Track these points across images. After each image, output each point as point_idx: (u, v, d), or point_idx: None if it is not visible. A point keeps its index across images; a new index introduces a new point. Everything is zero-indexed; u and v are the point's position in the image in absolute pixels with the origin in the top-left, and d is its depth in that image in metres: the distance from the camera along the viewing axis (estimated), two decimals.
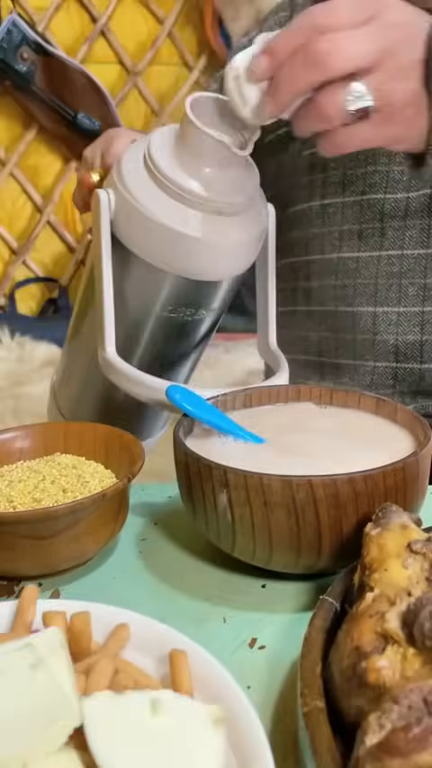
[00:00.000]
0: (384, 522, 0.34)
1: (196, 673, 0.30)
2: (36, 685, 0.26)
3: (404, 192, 0.66)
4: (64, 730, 0.24)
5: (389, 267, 0.67)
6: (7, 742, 0.24)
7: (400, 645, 0.26)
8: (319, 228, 0.72)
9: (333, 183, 0.70)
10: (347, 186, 0.69)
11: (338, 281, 0.71)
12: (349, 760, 0.24)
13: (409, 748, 0.22)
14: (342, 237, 0.70)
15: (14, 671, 0.27)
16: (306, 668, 0.30)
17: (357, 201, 0.68)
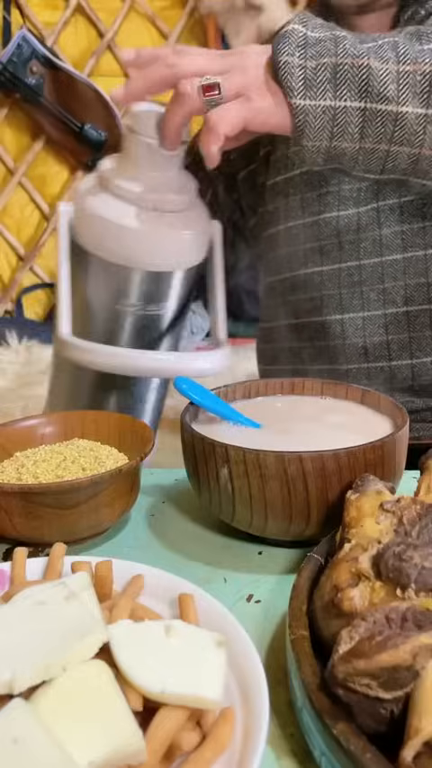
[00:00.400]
0: (362, 489, 0.40)
1: (201, 610, 0.36)
2: (70, 612, 0.32)
3: (354, 207, 0.72)
4: (94, 644, 0.30)
5: (349, 278, 0.73)
6: (50, 652, 0.29)
7: (370, 580, 0.32)
8: (287, 249, 0.79)
9: (293, 207, 0.76)
10: (305, 208, 0.75)
11: (307, 295, 0.77)
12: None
13: (372, 652, 0.28)
14: (306, 255, 0.76)
15: (52, 601, 0.33)
16: (294, 607, 0.36)
17: (315, 221, 0.74)
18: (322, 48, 0.51)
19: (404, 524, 0.35)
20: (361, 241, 0.72)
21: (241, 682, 0.32)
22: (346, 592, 0.32)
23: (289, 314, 0.82)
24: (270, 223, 0.81)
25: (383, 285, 0.72)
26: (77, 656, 0.29)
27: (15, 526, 0.47)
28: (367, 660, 0.28)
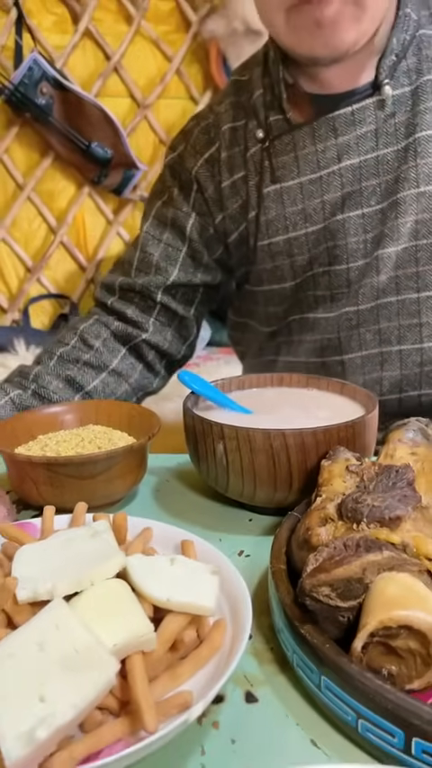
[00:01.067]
0: (334, 457, 0.48)
1: (199, 552, 0.44)
2: (95, 545, 0.40)
3: (362, 258, 0.77)
4: (115, 566, 0.38)
5: (347, 321, 0.79)
6: (81, 571, 0.37)
7: (334, 521, 0.40)
8: (281, 304, 0.84)
9: (299, 265, 0.80)
10: (314, 261, 0.79)
11: (312, 337, 0.82)
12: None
13: (332, 567, 0.36)
14: (317, 301, 0.81)
15: (80, 538, 0.41)
16: (275, 549, 0.44)
17: (323, 272, 0.79)
18: None
19: (364, 481, 0.43)
20: (360, 287, 0.78)
21: (231, 602, 0.40)
22: (314, 530, 0.40)
23: (289, 353, 0.87)
24: (266, 280, 0.84)
25: (379, 326, 0.79)
26: (102, 574, 0.37)
27: (41, 494, 0.55)
28: (327, 574, 0.36)
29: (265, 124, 0.78)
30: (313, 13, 0.66)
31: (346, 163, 0.76)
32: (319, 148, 0.76)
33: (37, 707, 0.30)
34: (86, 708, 0.31)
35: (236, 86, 0.83)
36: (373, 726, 0.32)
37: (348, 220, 0.77)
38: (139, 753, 0.30)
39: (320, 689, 0.35)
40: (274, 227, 0.80)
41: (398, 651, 0.35)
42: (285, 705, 0.37)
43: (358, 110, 0.73)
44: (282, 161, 0.78)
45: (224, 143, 0.81)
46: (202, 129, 0.83)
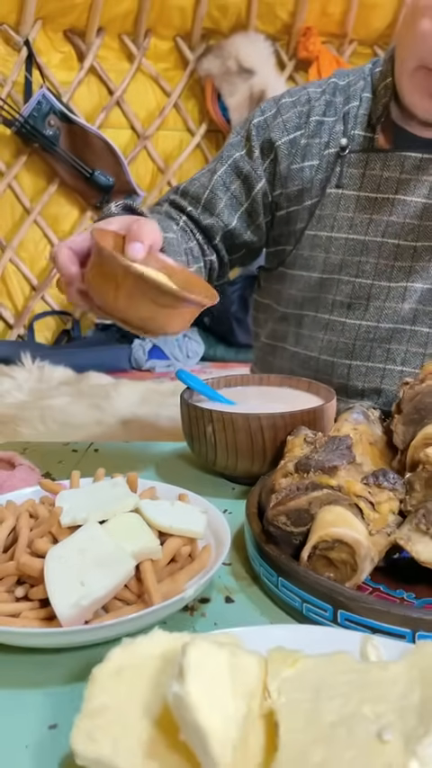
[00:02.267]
0: (296, 433, 0.62)
1: (192, 501, 0.58)
2: (116, 491, 0.54)
3: (387, 281, 0.89)
4: (131, 503, 0.52)
5: (366, 333, 0.91)
6: (106, 506, 0.51)
7: (293, 475, 0.54)
8: (316, 294, 0.94)
9: (330, 264, 0.92)
10: (343, 269, 0.91)
11: (326, 336, 0.94)
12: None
13: (287, 501, 0.50)
14: (333, 304, 0.93)
15: (104, 487, 0.55)
16: (250, 499, 0.58)
17: (350, 281, 0.91)
18: None
19: (316, 447, 0.57)
20: (384, 308, 0.90)
21: (215, 534, 0.54)
22: (278, 481, 0.54)
23: (298, 344, 0.98)
24: (298, 265, 0.95)
25: (389, 346, 0.91)
26: (122, 508, 0.51)
27: (116, 299, 0.57)
28: (284, 506, 0.50)
29: (350, 134, 0.91)
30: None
31: (399, 196, 0.88)
32: (384, 175, 0.89)
33: (79, 588, 0.44)
34: (113, 589, 0.45)
35: (335, 88, 0.94)
36: (313, 606, 0.46)
37: (385, 244, 0.89)
38: (146, 618, 0.43)
39: (278, 587, 0.49)
40: (323, 222, 0.92)
41: (335, 562, 0.49)
42: (253, 603, 0.51)
43: (426, 160, 0.87)
44: (350, 172, 0.90)
45: (308, 132, 0.92)
46: (296, 112, 0.93)
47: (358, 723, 0.33)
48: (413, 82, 0.83)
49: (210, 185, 0.94)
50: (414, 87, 0.83)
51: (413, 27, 0.80)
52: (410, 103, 0.85)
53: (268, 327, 1.07)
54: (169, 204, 0.96)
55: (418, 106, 0.84)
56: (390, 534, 0.48)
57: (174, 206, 0.96)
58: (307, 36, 2.59)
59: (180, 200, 0.95)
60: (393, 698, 0.34)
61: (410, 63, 0.82)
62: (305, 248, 0.95)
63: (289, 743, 0.32)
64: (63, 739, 0.36)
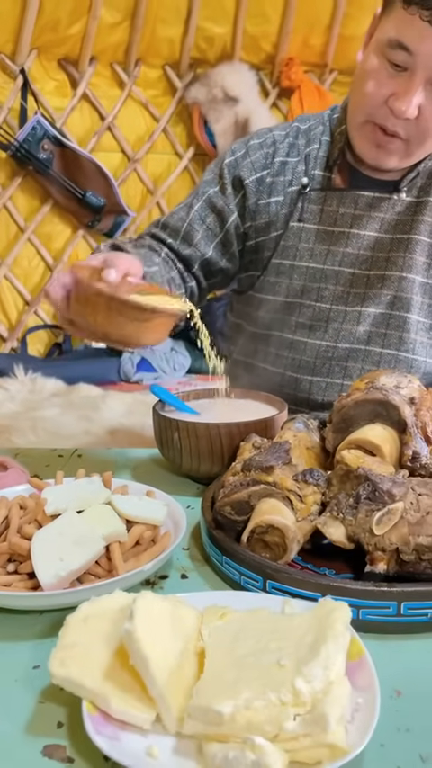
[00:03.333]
0: (248, 439, 0.73)
1: (158, 497, 0.69)
2: (92, 486, 0.65)
3: (344, 305, 1.01)
4: (105, 496, 0.63)
5: (325, 352, 1.02)
6: (83, 498, 0.62)
7: (239, 474, 0.65)
8: (281, 315, 1.05)
9: (293, 290, 1.03)
10: (305, 294, 1.02)
11: (289, 354, 1.04)
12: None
13: (231, 494, 0.61)
14: (297, 325, 1.03)
15: (82, 484, 0.66)
16: (205, 494, 0.69)
17: (311, 306, 1.02)
18: None
19: (261, 451, 0.68)
20: (342, 330, 1.01)
21: (175, 523, 0.64)
22: (227, 478, 0.65)
23: (266, 361, 1.07)
24: (266, 290, 1.05)
25: (347, 364, 1.02)
26: (96, 500, 0.62)
27: (96, 321, 0.69)
28: (229, 498, 0.61)
29: (311, 174, 1.02)
30: (380, 137, 0.91)
31: (354, 230, 1.00)
32: (341, 211, 1.00)
33: (59, 563, 0.55)
34: (86, 564, 0.55)
35: (297, 131, 1.05)
36: (249, 578, 0.57)
37: (341, 273, 1.01)
38: (112, 585, 0.54)
39: (223, 564, 0.60)
40: (287, 252, 1.03)
41: (269, 544, 0.59)
42: (203, 579, 0.61)
43: (377, 198, 0.99)
44: (310, 207, 1.02)
45: (274, 171, 1.03)
46: (263, 153, 1.04)
47: (264, 654, 0.44)
48: (361, 134, 0.95)
49: (188, 219, 1.04)
50: (362, 138, 0.95)
51: (359, 87, 0.92)
52: (360, 152, 0.97)
53: (239, 345, 1.17)
54: (151, 237, 1.06)
55: (366, 155, 0.96)
56: (313, 521, 0.59)
57: (155, 239, 1.06)
58: (289, 66, 2.73)
59: (161, 233, 1.05)
60: (293, 638, 0.45)
61: (359, 117, 0.93)
62: (271, 275, 1.06)
63: (211, 668, 0.43)
64: (44, 675, 0.47)
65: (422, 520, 0.53)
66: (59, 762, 0.41)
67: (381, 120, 0.90)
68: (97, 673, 0.43)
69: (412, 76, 0.86)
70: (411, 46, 0.84)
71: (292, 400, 1.07)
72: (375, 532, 0.53)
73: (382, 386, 0.66)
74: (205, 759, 0.39)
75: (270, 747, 0.37)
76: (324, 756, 0.38)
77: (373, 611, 0.51)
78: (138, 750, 0.40)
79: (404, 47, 0.84)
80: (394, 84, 0.87)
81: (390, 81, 0.87)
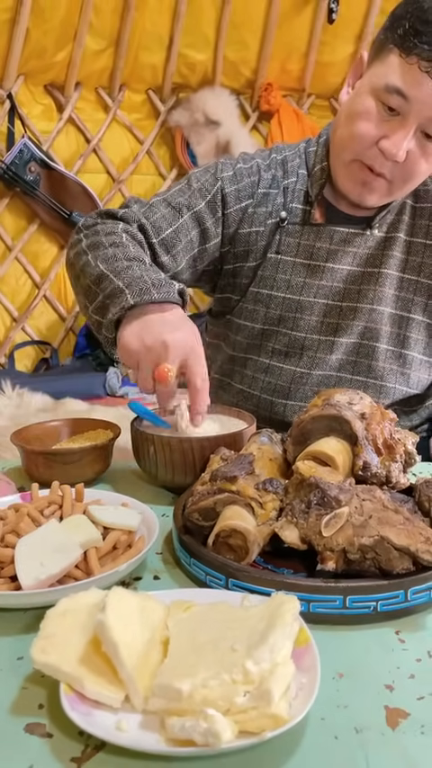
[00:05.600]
0: (217, 452, 0.79)
1: (133, 506, 0.75)
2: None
3: (317, 335, 1.06)
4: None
5: (299, 378, 1.08)
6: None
7: (207, 484, 0.71)
8: (259, 342, 1.10)
9: (270, 318, 1.07)
10: (281, 323, 1.07)
11: (266, 378, 1.10)
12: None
13: (198, 502, 0.67)
14: (273, 351, 1.09)
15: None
16: (177, 503, 0.75)
17: (287, 334, 1.08)
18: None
19: (228, 463, 0.74)
20: (316, 358, 1.07)
21: (148, 529, 0.70)
22: (197, 488, 0.71)
23: (243, 383, 1.13)
24: (243, 316, 1.10)
25: (319, 389, 1.05)
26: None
27: (41, 473, 0.84)
28: (196, 505, 0.67)
29: (289, 207, 1.06)
30: (366, 175, 0.96)
31: (329, 264, 1.05)
32: (317, 245, 1.05)
33: (39, 568, 0.61)
34: (65, 568, 0.61)
35: (276, 162, 1.08)
36: (213, 577, 0.63)
37: (316, 304, 1.06)
38: (89, 585, 0.60)
39: (191, 566, 0.66)
40: (265, 282, 1.08)
41: (233, 547, 0.65)
42: (174, 580, 0.67)
43: (351, 234, 1.04)
44: (288, 240, 1.06)
45: (256, 201, 1.06)
46: (249, 182, 1.06)
47: (221, 641, 0.50)
48: (348, 172, 0.99)
49: (175, 225, 1.02)
50: (348, 176, 0.99)
51: (350, 126, 0.95)
52: (344, 189, 1.02)
53: (217, 365, 1.22)
54: (138, 228, 1.00)
55: (350, 192, 1.01)
56: (271, 525, 0.66)
57: (141, 230, 1.00)
58: (268, 91, 2.83)
59: (149, 229, 1.00)
60: (247, 627, 0.51)
61: (347, 156, 0.97)
62: (249, 302, 1.11)
63: (173, 653, 0.49)
64: (27, 665, 0.53)
65: (365, 523, 0.59)
66: (40, 737, 0.46)
67: (369, 161, 0.95)
68: (73, 659, 0.49)
69: (404, 121, 0.90)
70: (408, 93, 0.88)
71: (267, 421, 1.11)
72: (324, 534, 0.59)
73: (336, 402, 0.73)
74: (166, 731, 0.45)
75: (220, 717, 0.43)
76: (268, 726, 0.44)
77: (321, 604, 0.58)
78: (108, 725, 0.46)
79: (401, 93, 0.88)
80: (387, 126, 0.91)
81: (382, 124, 0.91)
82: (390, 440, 0.72)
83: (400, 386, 1.10)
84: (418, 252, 1.07)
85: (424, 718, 0.48)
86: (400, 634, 0.58)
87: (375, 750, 0.45)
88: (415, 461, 0.75)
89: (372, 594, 0.58)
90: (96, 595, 0.54)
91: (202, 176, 1.06)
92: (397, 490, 0.71)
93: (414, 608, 0.60)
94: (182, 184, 1.07)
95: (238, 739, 0.43)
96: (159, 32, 2.59)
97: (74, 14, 2.42)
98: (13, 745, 0.46)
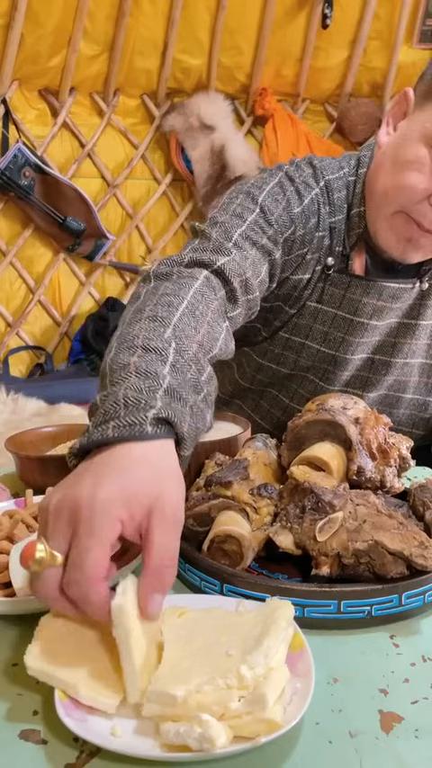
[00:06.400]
0: (211, 457, 0.79)
1: None
2: None
3: (345, 387, 1.00)
4: None
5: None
6: None
7: (202, 489, 0.71)
8: (282, 382, 1.04)
9: (301, 365, 0.99)
10: (311, 371, 1.00)
11: (282, 416, 1.04)
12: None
13: (193, 507, 0.67)
14: (295, 394, 1.03)
15: None
16: None
17: (314, 381, 1.01)
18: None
19: (223, 468, 0.74)
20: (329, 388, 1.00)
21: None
22: (191, 493, 0.71)
23: (255, 412, 1.08)
24: (268, 358, 1.02)
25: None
26: None
27: (35, 480, 0.84)
28: (191, 511, 0.67)
29: (335, 251, 0.92)
30: (413, 231, 0.84)
31: (373, 321, 0.94)
32: (363, 300, 0.93)
33: None
34: None
35: (324, 195, 0.90)
36: (207, 583, 0.63)
37: (351, 360, 0.98)
38: None
39: (185, 571, 0.66)
40: (299, 330, 0.98)
41: (228, 552, 0.66)
42: None
43: (400, 289, 0.93)
44: (332, 290, 0.94)
45: (312, 248, 0.91)
46: (313, 224, 0.90)
47: (215, 647, 0.50)
48: (392, 225, 0.87)
49: (262, 273, 0.86)
50: (391, 231, 0.87)
51: (398, 176, 0.84)
52: (385, 244, 0.89)
53: (226, 387, 1.13)
54: (240, 284, 0.80)
55: (392, 247, 0.89)
56: (266, 530, 0.66)
57: (243, 286, 0.80)
58: (263, 95, 2.84)
59: (251, 282, 0.81)
60: (242, 632, 0.51)
61: (390, 208, 0.86)
62: (277, 346, 1.01)
63: (168, 659, 0.49)
64: (22, 671, 0.52)
65: (359, 527, 0.60)
66: (34, 743, 0.46)
67: (418, 216, 0.85)
68: (68, 665, 0.49)
69: None
70: None
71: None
72: (318, 539, 0.60)
73: (331, 407, 0.73)
74: (161, 736, 0.45)
75: (214, 722, 0.43)
76: (262, 731, 0.44)
77: (316, 609, 0.58)
78: (103, 731, 0.46)
79: None
80: None
81: None
82: (384, 444, 0.72)
83: (417, 430, 1.07)
84: None
85: (418, 722, 0.48)
86: (394, 638, 0.58)
87: (370, 754, 0.46)
88: (409, 466, 0.76)
89: (366, 599, 0.58)
90: None
91: (275, 208, 0.88)
92: (391, 495, 0.72)
93: (408, 612, 0.60)
94: (255, 213, 0.86)
95: (232, 744, 0.43)
96: (154, 38, 2.60)
97: (68, 20, 2.43)
98: (8, 751, 0.46)
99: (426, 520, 0.65)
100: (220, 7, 2.56)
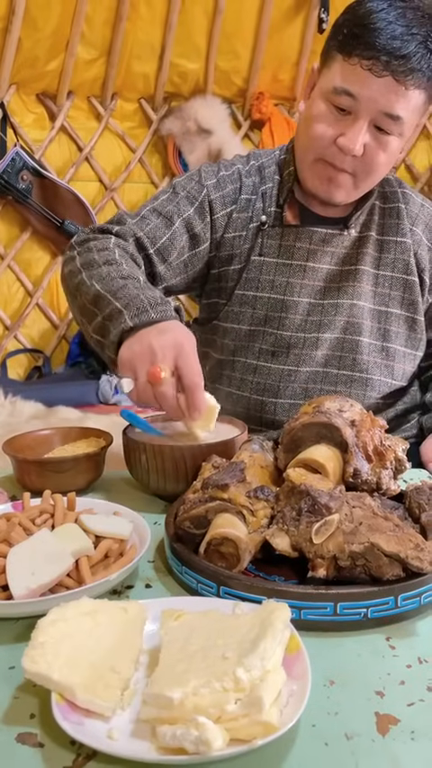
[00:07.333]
0: (208, 460, 0.80)
1: (124, 515, 0.75)
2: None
3: (302, 333, 1.10)
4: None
5: (287, 376, 1.11)
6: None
7: (199, 492, 0.72)
8: (245, 343, 1.13)
9: (257, 318, 1.12)
10: (267, 322, 1.11)
11: (255, 379, 1.13)
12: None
13: (189, 510, 0.67)
14: (260, 352, 1.12)
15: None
16: (169, 511, 0.75)
17: (273, 333, 1.11)
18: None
19: (219, 471, 0.75)
20: (302, 355, 1.11)
21: (139, 537, 0.70)
22: (188, 496, 0.72)
23: (232, 385, 1.17)
24: (230, 319, 1.13)
25: (307, 386, 1.11)
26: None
27: (33, 482, 0.84)
28: (188, 514, 0.67)
29: (268, 211, 1.11)
30: (330, 171, 1.02)
31: (309, 263, 1.10)
32: (297, 245, 1.10)
33: (30, 577, 0.61)
34: (56, 578, 0.61)
35: (253, 169, 1.14)
36: (204, 585, 0.63)
37: (300, 302, 1.10)
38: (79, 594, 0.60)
39: (182, 574, 0.66)
40: (250, 284, 1.12)
41: (225, 555, 0.66)
42: (165, 588, 0.67)
43: (329, 234, 1.10)
44: (269, 242, 1.11)
45: (239, 207, 1.12)
46: (232, 188, 1.12)
47: (211, 649, 0.50)
48: (313, 171, 1.06)
49: (168, 233, 1.06)
50: (314, 175, 1.07)
51: (308, 130, 1.03)
52: (313, 189, 1.09)
53: (206, 371, 1.21)
54: (134, 241, 1.04)
55: (318, 189, 1.08)
56: (263, 533, 0.66)
57: (137, 243, 1.05)
58: (260, 99, 2.84)
59: (145, 242, 1.05)
60: (238, 635, 0.51)
61: (310, 156, 1.05)
62: (235, 305, 1.14)
63: (164, 661, 0.49)
64: (18, 674, 0.53)
65: (355, 530, 0.60)
66: (31, 746, 0.46)
67: (330, 158, 1.02)
68: (64, 668, 0.49)
69: (356, 118, 0.98)
70: (354, 91, 0.96)
71: (258, 421, 1.14)
72: (314, 541, 0.60)
73: (327, 410, 0.73)
74: (158, 739, 0.45)
75: (211, 725, 0.43)
76: (259, 733, 0.44)
77: (312, 611, 0.58)
78: (100, 734, 0.46)
79: (348, 92, 0.97)
80: (341, 125, 1.00)
81: (337, 123, 1.00)
82: (380, 447, 0.73)
83: (384, 378, 1.14)
84: (390, 249, 1.13)
85: (414, 724, 0.49)
86: (390, 640, 0.58)
87: (366, 757, 0.46)
88: (405, 468, 0.76)
89: (362, 601, 0.58)
90: (87, 605, 0.54)
91: (187, 184, 1.12)
92: (387, 497, 0.72)
93: (404, 614, 0.60)
94: (168, 193, 1.12)
95: (229, 747, 0.43)
96: (151, 42, 2.61)
97: (66, 24, 2.43)
98: (5, 755, 0.46)
99: (422, 522, 0.65)
100: (216, 11, 2.57)
